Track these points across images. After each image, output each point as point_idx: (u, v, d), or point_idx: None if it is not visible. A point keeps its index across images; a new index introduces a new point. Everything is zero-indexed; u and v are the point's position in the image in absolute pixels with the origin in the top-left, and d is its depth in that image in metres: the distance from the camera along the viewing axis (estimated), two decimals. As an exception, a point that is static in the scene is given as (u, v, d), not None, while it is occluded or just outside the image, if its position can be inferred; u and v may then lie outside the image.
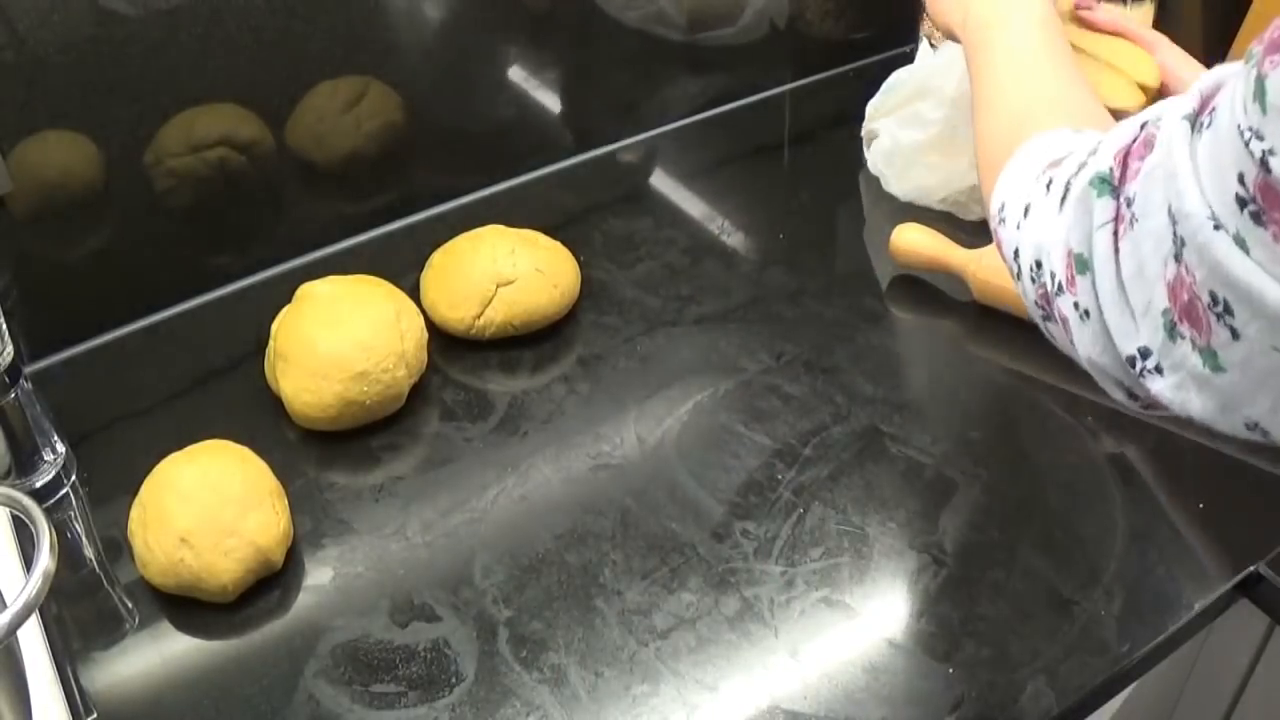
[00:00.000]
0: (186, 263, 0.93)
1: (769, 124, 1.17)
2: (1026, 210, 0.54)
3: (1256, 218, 0.39)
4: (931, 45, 1.13)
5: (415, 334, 0.84)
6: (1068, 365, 0.84)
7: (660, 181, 1.08)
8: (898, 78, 1.02)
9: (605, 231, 1.01)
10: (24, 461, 0.76)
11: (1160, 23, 1.08)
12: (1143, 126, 0.46)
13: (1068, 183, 0.50)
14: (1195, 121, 0.43)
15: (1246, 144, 0.39)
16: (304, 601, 0.72)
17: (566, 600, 0.71)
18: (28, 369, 0.78)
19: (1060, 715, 0.65)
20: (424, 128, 0.99)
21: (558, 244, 0.92)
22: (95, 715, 0.66)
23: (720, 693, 0.66)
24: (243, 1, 0.84)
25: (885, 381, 0.85)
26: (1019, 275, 0.55)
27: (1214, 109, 0.41)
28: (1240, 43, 1.13)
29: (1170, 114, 0.45)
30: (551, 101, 1.07)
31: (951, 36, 0.76)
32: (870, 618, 0.69)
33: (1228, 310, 0.41)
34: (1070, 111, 0.61)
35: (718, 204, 1.04)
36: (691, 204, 1.05)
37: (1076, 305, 0.50)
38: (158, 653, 0.69)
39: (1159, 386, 0.46)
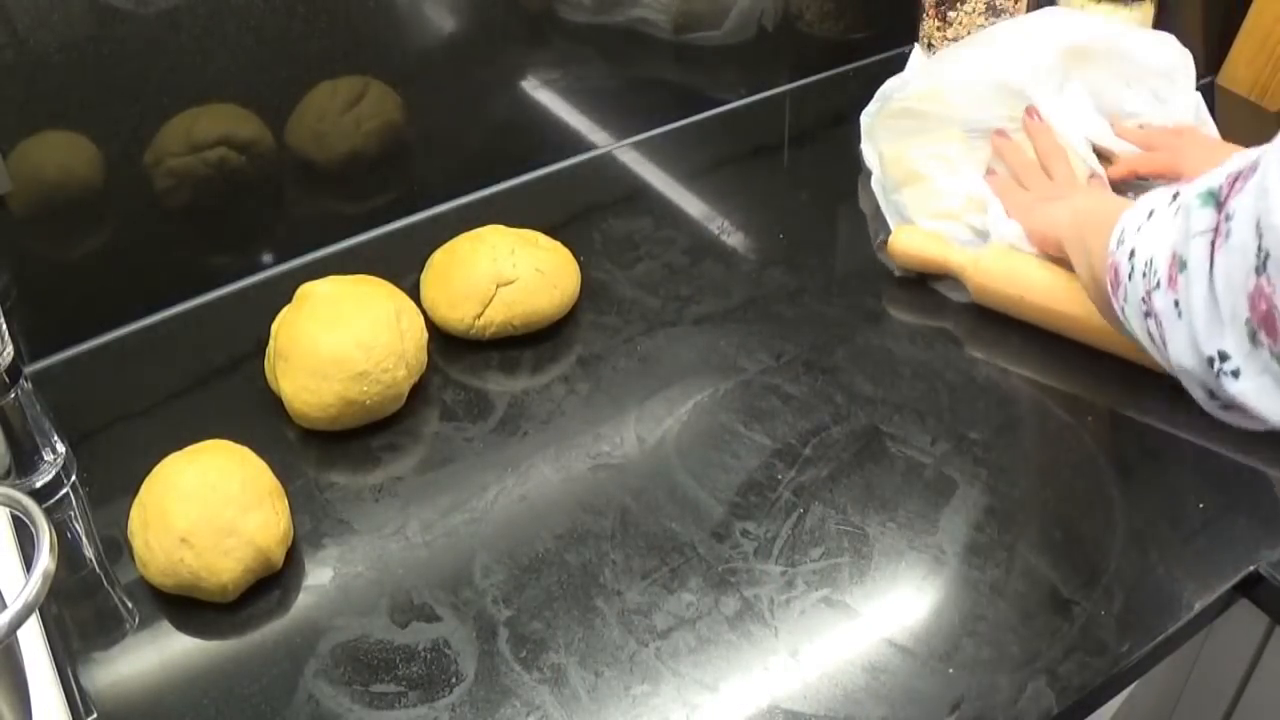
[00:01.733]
0: (186, 263, 0.93)
1: (768, 124, 1.17)
2: (1150, 214, 0.58)
3: None
4: (930, 46, 1.13)
5: (415, 334, 0.84)
6: (1067, 366, 0.85)
7: (660, 181, 1.08)
8: (891, 85, 1.02)
9: (605, 231, 1.01)
10: (24, 461, 0.76)
11: (1160, 23, 1.08)
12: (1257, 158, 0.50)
13: (1184, 196, 0.56)
14: None
15: None
16: (304, 601, 0.72)
17: (566, 600, 0.71)
18: (28, 369, 0.78)
19: (1060, 715, 0.65)
20: (424, 128, 0.99)
21: (558, 244, 0.92)
22: (95, 715, 0.66)
23: (720, 693, 0.66)
24: (243, 1, 0.84)
25: (885, 381, 0.85)
26: (1131, 275, 0.59)
27: None
28: (1240, 43, 1.13)
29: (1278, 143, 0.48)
30: (551, 101, 1.07)
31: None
32: (870, 618, 0.69)
33: None
34: None
35: (717, 204, 1.04)
36: (691, 204, 1.05)
37: (1176, 303, 0.54)
38: (158, 653, 0.69)
39: (1237, 389, 0.51)
